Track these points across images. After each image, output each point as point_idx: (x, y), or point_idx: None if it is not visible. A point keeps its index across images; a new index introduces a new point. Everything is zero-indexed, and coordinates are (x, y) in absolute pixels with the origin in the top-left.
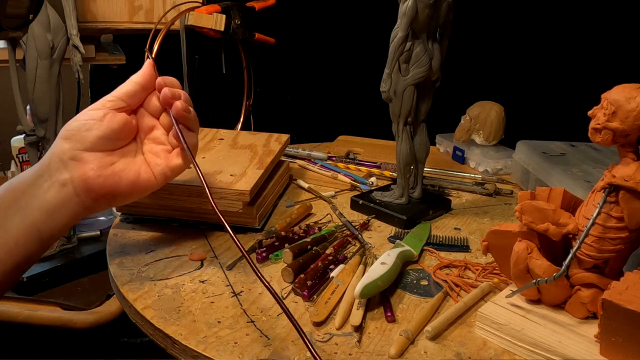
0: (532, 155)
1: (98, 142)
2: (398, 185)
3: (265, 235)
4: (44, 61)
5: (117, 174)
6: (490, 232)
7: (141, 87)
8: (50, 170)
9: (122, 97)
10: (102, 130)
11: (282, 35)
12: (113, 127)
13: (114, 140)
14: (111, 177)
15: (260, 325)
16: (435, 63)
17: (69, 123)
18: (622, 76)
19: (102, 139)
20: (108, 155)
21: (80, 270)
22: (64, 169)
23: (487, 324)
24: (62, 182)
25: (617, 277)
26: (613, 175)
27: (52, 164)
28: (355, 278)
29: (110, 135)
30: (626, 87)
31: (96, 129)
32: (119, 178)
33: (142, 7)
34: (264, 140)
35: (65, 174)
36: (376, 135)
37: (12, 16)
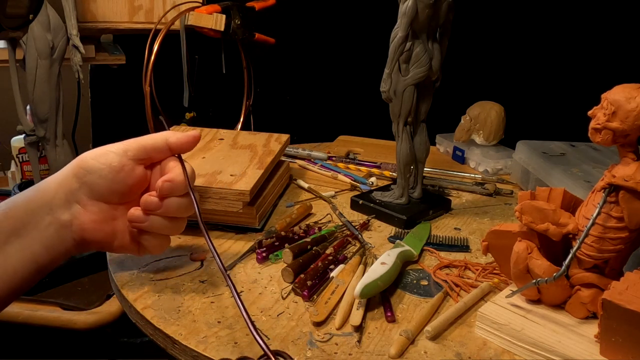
0: (532, 155)
1: (108, 195)
2: (398, 185)
3: (265, 235)
4: (44, 61)
5: (115, 233)
6: (490, 232)
7: (169, 150)
8: (53, 204)
9: (148, 150)
10: (116, 183)
11: (282, 35)
12: (128, 182)
13: (124, 195)
14: (108, 235)
15: (260, 326)
16: (435, 63)
17: (86, 155)
18: (622, 76)
19: (113, 192)
20: (113, 209)
21: (80, 270)
22: (67, 210)
23: (487, 324)
24: (63, 224)
25: (617, 277)
26: (613, 175)
27: (57, 199)
28: (355, 278)
29: (122, 190)
30: (626, 87)
31: (110, 179)
32: (114, 238)
33: (142, 7)
34: (264, 140)
35: (67, 215)
36: (376, 135)
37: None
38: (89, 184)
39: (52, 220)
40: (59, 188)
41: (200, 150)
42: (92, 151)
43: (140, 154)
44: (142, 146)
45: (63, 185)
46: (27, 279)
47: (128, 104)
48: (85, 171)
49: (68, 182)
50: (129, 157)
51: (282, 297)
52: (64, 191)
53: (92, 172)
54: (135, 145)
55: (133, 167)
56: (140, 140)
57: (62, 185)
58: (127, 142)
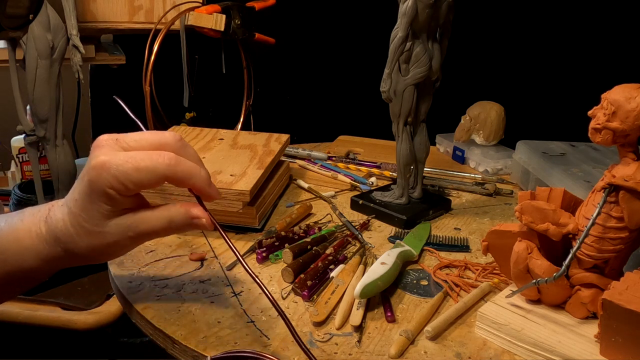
0: (532, 155)
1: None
2: (398, 185)
3: (265, 235)
4: (44, 61)
5: (105, 255)
6: (490, 232)
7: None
8: (39, 248)
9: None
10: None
11: (282, 35)
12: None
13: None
14: (97, 257)
15: (260, 325)
16: (435, 63)
17: (81, 216)
18: (622, 76)
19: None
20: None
21: (80, 270)
22: (55, 247)
23: (487, 324)
24: (49, 257)
25: (617, 277)
26: (613, 175)
27: (45, 244)
28: (355, 278)
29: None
30: (626, 87)
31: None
32: (101, 258)
33: (142, 7)
34: (264, 140)
35: (58, 249)
36: (376, 135)
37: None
38: (68, 249)
39: (36, 261)
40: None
41: (200, 150)
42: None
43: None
44: (150, 229)
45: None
46: (10, 291)
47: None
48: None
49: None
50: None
51: (282, 297)
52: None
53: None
54: (143, 227)
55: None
56: (145, 221)
57: (38, 251)
58: (133, 221)
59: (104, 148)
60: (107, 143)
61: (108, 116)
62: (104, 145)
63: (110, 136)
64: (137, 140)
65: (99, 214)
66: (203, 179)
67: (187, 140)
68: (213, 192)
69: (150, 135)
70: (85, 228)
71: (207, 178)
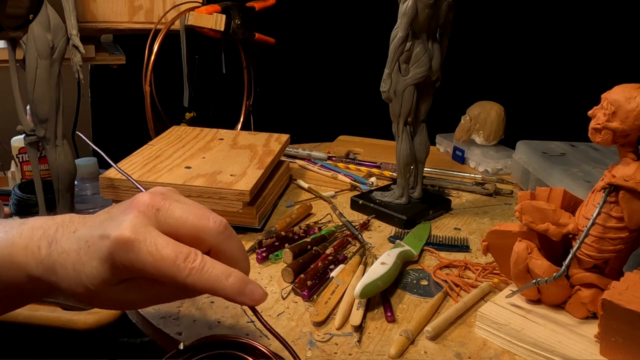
0: (532, 155)
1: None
2: (398, 185)
3: (265, 235)
4: (44, 61)
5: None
6: (490, 232)
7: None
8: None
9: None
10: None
11: (282, 35)
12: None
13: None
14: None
15: (260, 325)
16: (435, 63)
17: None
18: (622, 76)
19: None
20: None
21: None
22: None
23: (487, 324)
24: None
25: (617, 277)
26: (613, 175)
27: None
28: (355, 278)
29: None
30: (626, 87)
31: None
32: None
33: (142, 7)
34: (264, 140)
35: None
36: (376, 135)
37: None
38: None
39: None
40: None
41: (200, 150)
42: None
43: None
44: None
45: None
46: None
47: (128, 104)
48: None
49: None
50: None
51: (282, 297)
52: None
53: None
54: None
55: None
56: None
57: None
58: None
59: (139, 216)
60: (147, 211)
61: (108, 116)
62: (142, 210)
63: (153, 201)
64: (178, 219)
65: (101, 279)
66: (231, 290)
67: (187, 141)
68: (247, 300)
69: (194, 217)
70: (84, 285)
71: (239, 286)
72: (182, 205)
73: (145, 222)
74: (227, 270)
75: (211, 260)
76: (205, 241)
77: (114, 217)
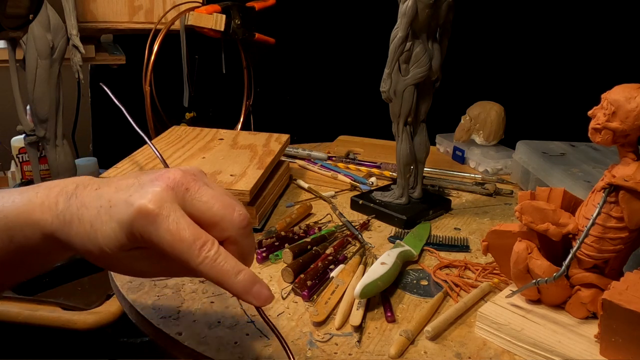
0: (532, 155)
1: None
2: (398, 185)
3: (265, 235)
4: (44, 61)
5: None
6: (490, 232)
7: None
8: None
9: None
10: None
11: (282, 35)
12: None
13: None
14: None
15: (260, 325)
16: (435, 63)
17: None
18: (622, 76)
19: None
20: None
21: (80, 270)
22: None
23: (487, 324)
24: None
25: (617, 277)
26: (613, 175)
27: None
28: (355, 278)
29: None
30: (626, 87)
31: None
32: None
33: (142, 7)
34: (264, 140)
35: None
36: (376, 135)
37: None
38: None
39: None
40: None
41: (200, 150)
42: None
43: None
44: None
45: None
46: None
47: (128, 104)
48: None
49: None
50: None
51: (282, 297)
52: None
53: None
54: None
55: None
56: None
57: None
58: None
59: (167, 191)
60: (176, 187)
61: (108, 116)
62: (171, 186)
63: (184, 180)
64: (205, 203)
65: (116, 241)
66: (238, 287)
67: (187, 141)
68: (252, 299)
69: (220, 205)
70: (98, 244)
71: (246, 284)
72: (210, 190)
73: (172, 198)
74: (238, 267)
75: (225, 253)
76: (225, 231)
77: (142, 184)
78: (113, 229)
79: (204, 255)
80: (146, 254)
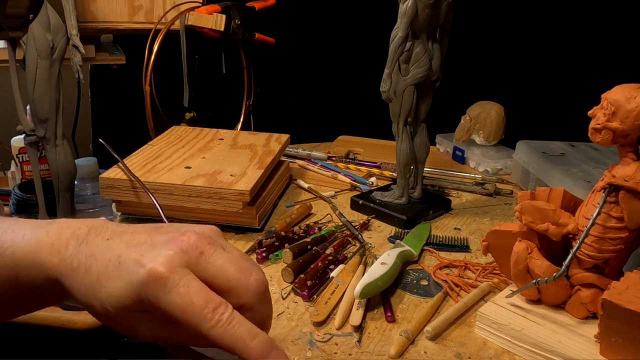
0: (532, 155)
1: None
2: (398, 185)
3: (265, 235)
4: (44, 61)
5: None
6: (490, 232)
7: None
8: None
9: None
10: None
11: (282, 35)
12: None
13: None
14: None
15: None
16: (435, 63)
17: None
18: (622, 76)
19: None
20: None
21: None
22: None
23: (487, 324)
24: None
25: (617, 277)
26: (613, 175)
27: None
28: (355, 278)
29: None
30: (626, 87)
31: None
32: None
33: (142, 7)
34: (264, 140)
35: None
36: (376, 135)
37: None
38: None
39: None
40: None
41: (200, 150)
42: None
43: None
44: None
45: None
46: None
47: (128, 104)
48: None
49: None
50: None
51: (282, 297)
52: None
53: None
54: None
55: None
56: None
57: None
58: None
59: (180, 255)
60: (189, 251)
61: (108, 116)
62: (184, 249)
63: (199, 243)
64: (219, 267)
65: (120, 302)
66: (254, 352)
67: (187, 141)
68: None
69: (236, 270)
70: (100, 300)
71: (262, 350)
72: (226, 254)
73: (185, 262)
74: (254, 331)
75: (240, 316)
76: (241, 297)
77: (155, 245)
78: (119, 287)
79: (216, 318)
80: (150, 317)
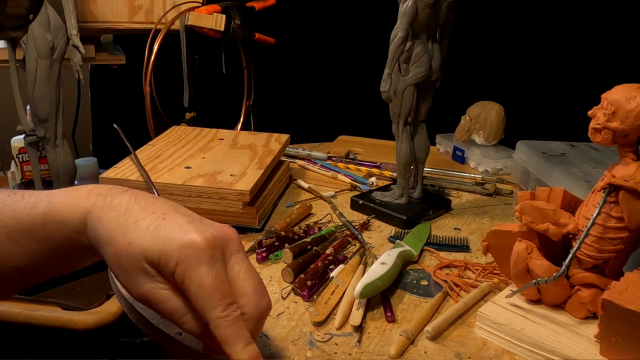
0: (532, 155)
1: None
2: (398, 185)
3: (265, 235)
4: (44, 61)
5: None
6: (490, 232)
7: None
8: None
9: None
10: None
11: (282, 35)
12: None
13: None
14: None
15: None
16: (435, 63)
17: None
18: (622, 76)
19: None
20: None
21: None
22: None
23: (487, 324)
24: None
25: (617, 277)
26: (613, 175)
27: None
28: (355, 278)
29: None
30: (626, 87)
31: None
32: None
33: (142, 7)
34: (264, 140)
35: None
36: (376, 135)
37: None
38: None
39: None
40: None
41: (200, 150)
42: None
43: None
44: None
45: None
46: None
47: (128, 104)
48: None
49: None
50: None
51: (282, 297)
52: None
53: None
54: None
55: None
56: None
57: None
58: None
59: (223, 240)
60: (230, 243)
61: (108, 116)
62: (227, 240)
63: (238, 241)
64: (244, 273)
65: (144, 254)
66: (243, 356)
67: (187, 141)
68: None
69: (254, 283)
70: (126, 248)
71: (251, 357)
72: (249, 264)
73: (224, 250)
74: (250, 339)
75: (243, 322)
76: (245, 307)
77: (202, 220)
78: (154, 236)
79: (227, 312)
80: (155, 280)
